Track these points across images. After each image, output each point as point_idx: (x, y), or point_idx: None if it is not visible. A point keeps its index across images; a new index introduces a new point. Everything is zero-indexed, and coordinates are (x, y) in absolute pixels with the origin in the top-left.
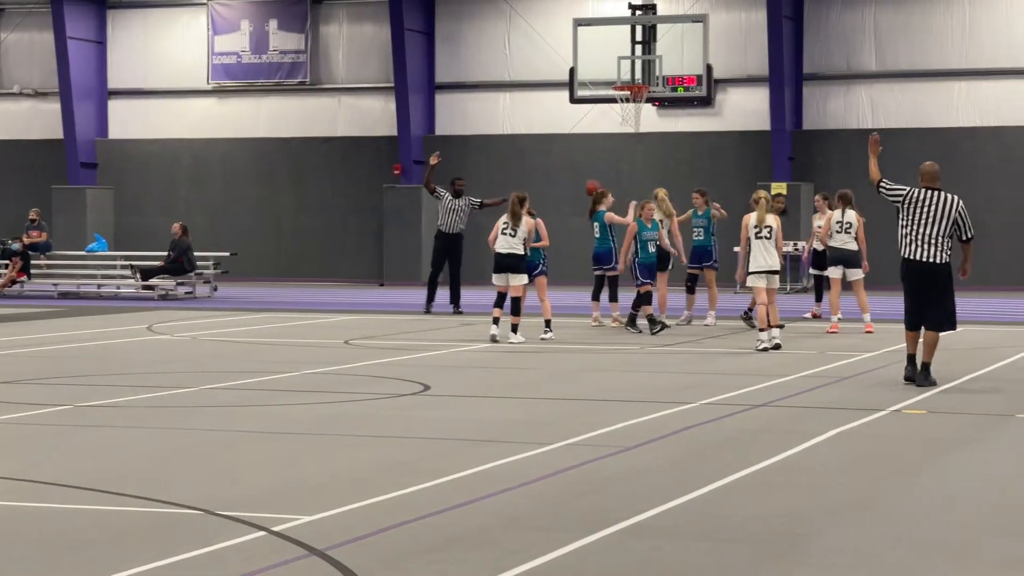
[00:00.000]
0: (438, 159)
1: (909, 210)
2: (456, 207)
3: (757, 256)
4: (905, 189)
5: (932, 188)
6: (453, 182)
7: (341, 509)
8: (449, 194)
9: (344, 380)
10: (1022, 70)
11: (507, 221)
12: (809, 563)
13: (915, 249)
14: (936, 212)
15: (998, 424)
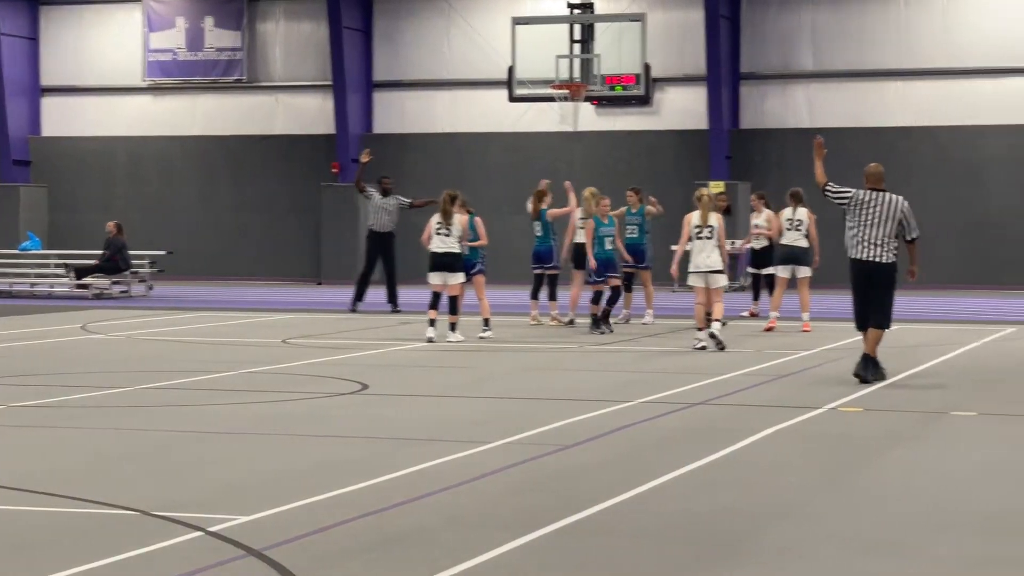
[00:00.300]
0: (369, 157)
1: (855, 212)
2: (386, 206)
3: (696, 256)
4: (851, 191)
5: (877, 189)
6: (380, 181)
7: (278, 509)
8: (378, 193)
9: (282, 379)
10: (957, 71)
11: (440, 220)
12: (747, 561)
13: (862, 250)
14: (882, 213)
15: (934, 421)
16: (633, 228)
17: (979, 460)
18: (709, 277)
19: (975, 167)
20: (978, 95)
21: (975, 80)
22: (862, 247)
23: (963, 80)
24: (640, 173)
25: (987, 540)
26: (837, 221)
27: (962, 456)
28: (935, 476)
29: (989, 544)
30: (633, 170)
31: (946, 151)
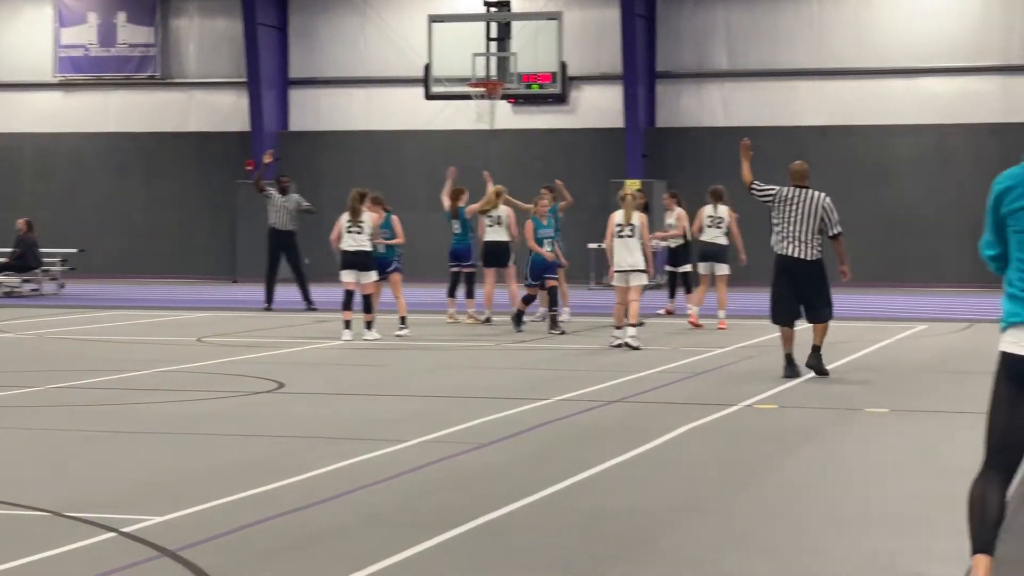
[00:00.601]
0: (272, 159)
1: (780, 209)
2: (286, 204)
3: (618, 254)
4: (775, 189)
5: (801, 187)
6: (278, 179)
7: (194, 509)
8: (276, 192)
9: (197, 378)
10: (869, 70)
11: (350, 218)
12: (660, 557)
13: (787, 246)
14: (805, 210)
15: (847, 418)
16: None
17: (890, 457)
18: (631, 276)
19: (887, 166)
20: (891, 95)
21: (888, 80)
22: (787, 244)
23: (876, 80)
24: (556, 171)
25: (894, 536)
26: (758, 218)
27: (874, 453)
28: (846, 473)
29: (896, 539)
30: (549, 168)
31: (859, 150)
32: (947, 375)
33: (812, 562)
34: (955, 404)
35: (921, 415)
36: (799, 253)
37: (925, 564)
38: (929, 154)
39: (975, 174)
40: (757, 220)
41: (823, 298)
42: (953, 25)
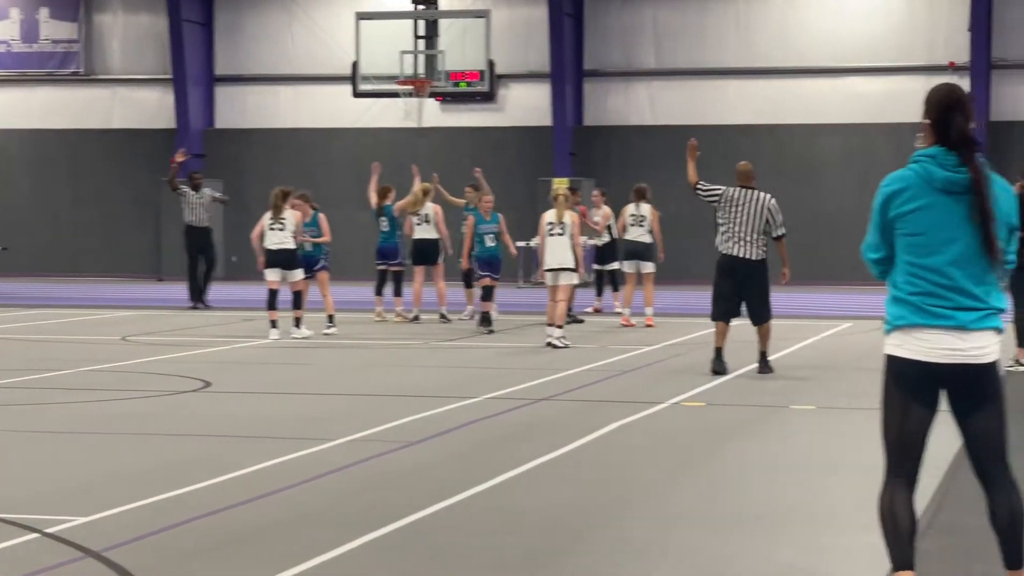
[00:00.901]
0: (184, 157)
1: (725, 209)
2: (201, 201)
3: (549, 253)
4: (721, 189)
5: (746, 187)
6: (191, 176)
7: (119, 509)
8: (190, 189)
9: (122, 377)
10: (796, 70)
11: (272, 217)
12: (591, 554)
13: (732, 246)
14: (751, 210)
15: (773, 415)
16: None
17: (816, 454)
18: (560, 275)
19: (814, 165)
20: (816, 94)
21: (814, 79)
22: (732, 243)
23: (802, 79)
24: (484, 169)
25: (820, 532)
26: (686, 218)
27: (800, 450)
28: (772, 470)
29: (821, 536)
30: (477, 166)
31: (785, 149)
32: (872, 372)
33: (737, 560)
34: (879, 401)
35: (846, 412)
36: (744, 253)
37: (851, 561)
38: (855, 153)
39: None
40: (685, 219)
41: (762, 298)
42: (878, 25)
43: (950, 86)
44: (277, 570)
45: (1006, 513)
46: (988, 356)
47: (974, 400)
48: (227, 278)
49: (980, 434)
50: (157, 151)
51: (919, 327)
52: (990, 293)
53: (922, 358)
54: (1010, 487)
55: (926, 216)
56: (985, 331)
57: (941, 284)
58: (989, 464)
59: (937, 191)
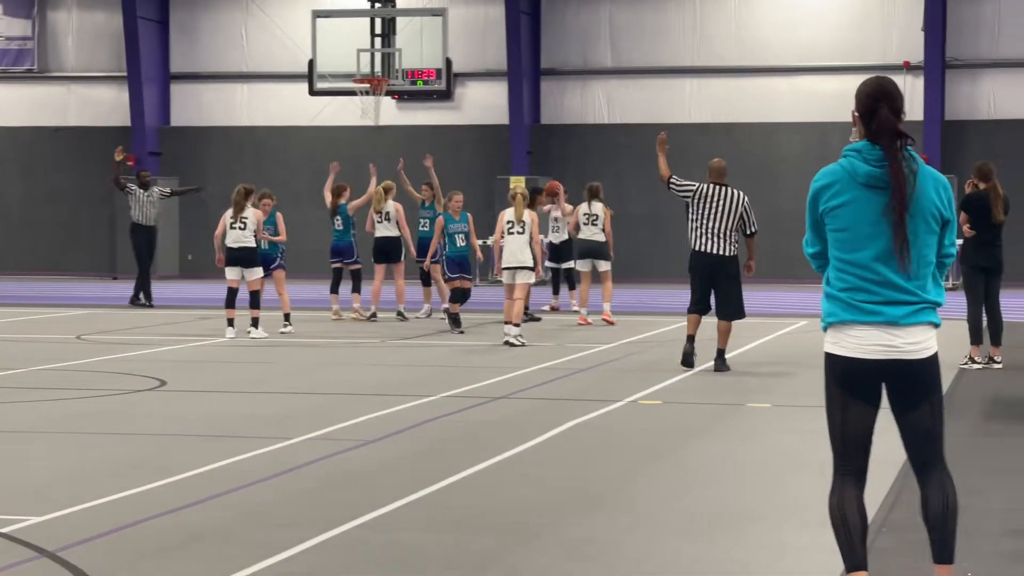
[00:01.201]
0: (123, 155)
1: (698, 205)
2: (149, 198)
3: (506, 251)
4: (695, 185)
5: (719, 184)
6: (139, 174)
7: (73, 509)
8: (138, 188)
9: (77, 376)
10: (751, 68)
11: (233, 215)
12: (550, 552)
13: (705, 242)
14: (724, 207)
15: (730, 413)
16: (425, 222)
17: (772, 451)
18: (518, 273)
19: (770, 164)
20: (773, 93)
21: (770, 78)
22: (705, 239)
23: (758, 78)
24: (441, 167)
25: (778, 529)
26: (641, 216)
27: (756, 448)
28: (729, 468)
29: (779, 533)
30: (435, 165)
31: (742, 147)
32: None
33: (695, 558)
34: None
35: (802, 409)
36: (715, 249)
37: (809, 559)
38: (811, 152)
39: None
40: (643, 218)
41: (731, 295)
42: (833, 25)
43: (879, 79)
44: (233, 570)
45: (939, 507)
46: (923, 351)
47: (910, 395)
48: (183, 276)
49: (916, 429)
50: (112, 149)
51: (850, 324)
52: (924, 287)
53: (856, 355)
54: (943, 482)
55: (850, 211)
56: (918, 326)
57: (869, 279)
58: (924, 458)
59: (860, 186)
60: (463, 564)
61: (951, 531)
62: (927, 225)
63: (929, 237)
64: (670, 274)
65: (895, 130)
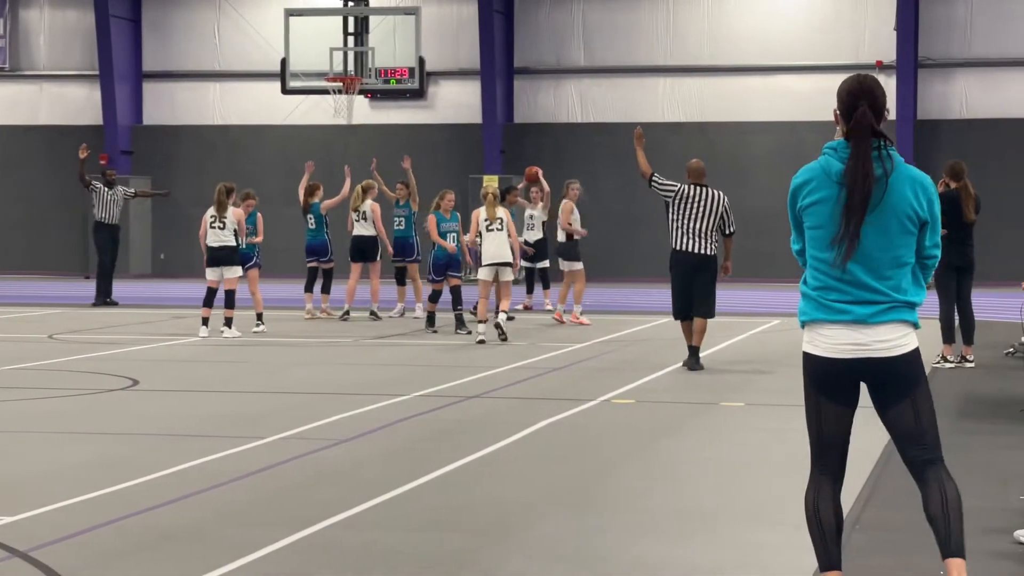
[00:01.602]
0: (86, 152)
1: (680, 205)
2: (114, 197)
3: (487, 249)
4: (677, 185)
5: (700, 184)
6: (104, 172)
7: (46, 508)
8: (103, 186)
9: (49, 376)
10: (724, 68)
11: (214, 214)
12: (523, 550)
13: (686, 241)
14: (705, 207)
15: (703, 412)
16: (400, 221)
17: (745, 450)
18: (501, 270)
19: (743, 163)
20: (745, 92)
21: (743, 77)
22: (686, 239)
23: (731, 77)
24: (415, 166)
25: (750, 528)
26: (613, 215)
27: (729, 446)
28: (702, 467)
29: (751, 532)
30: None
31: (715, 147)
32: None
33: (666, 557)
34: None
35: (775, 408)
36: (695, 248)
37: (780, 558)
38: (784, 151)
39: None
40: (615, 216)
41: (707, 294)
42: (806, 24)
43: (860, 76)
44: (206, 569)
45: (938, 504)
46: (895, 349)
47: (888, 394)
48: (155, 275)
49: (899, 428)
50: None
51: (821, 323)
52: (898, 287)
53: (828, 354)
54: (940, 478)
55: (824, 209)
56: (887, 324)
57: (839, 278)
58: (914, 455)
59: (834, 183)
60: (436, 563)
61: (955, 525)
62: (901, 225)
63: (903, 237)
64: (644, 273)
65: (871, 128)
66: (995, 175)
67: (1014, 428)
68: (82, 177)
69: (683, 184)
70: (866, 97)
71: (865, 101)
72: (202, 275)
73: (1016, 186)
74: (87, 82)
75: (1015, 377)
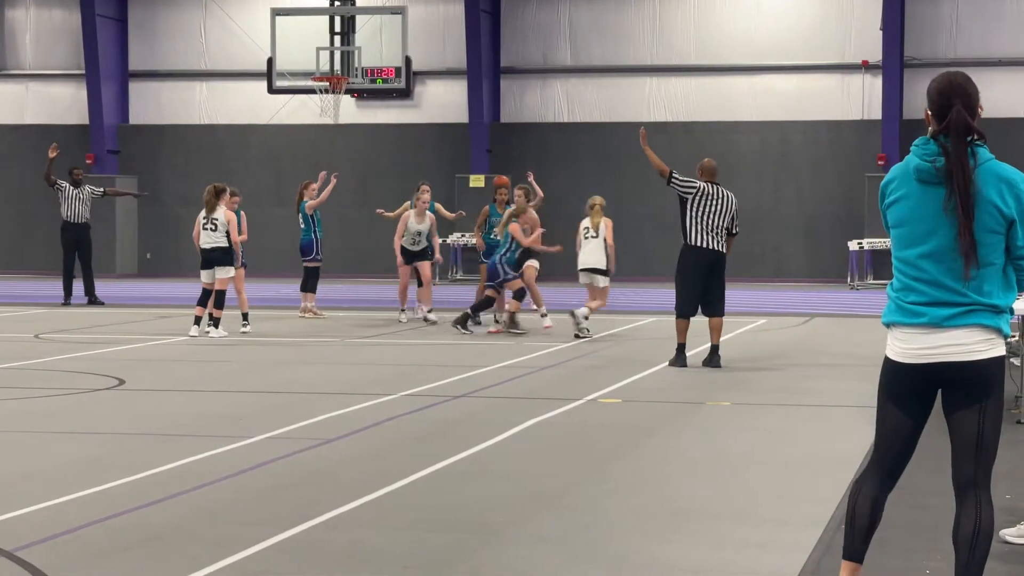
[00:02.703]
0: (56, 151)
1: (701, 202)
2: (79, 197)
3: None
4: (697, 183)
5: (715, 183)
6: (71, 171)
7: (31, 508)
8: (69, 185)
9: (35, 375)
10: (710, 67)
11: (205, 215)
12: (509, 550)
13: (705, 238)
14: (721, 206)
15: (689, 412)
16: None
17: (731, 450)
18: (594, 276)
19: (729, 162)
20: (732, 91)
21: (729, 77)
22: (705, 236)
23: (717, 77)
24: (401, 166)
25: (736, 528)
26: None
27: (715, 446)
28: (688, 466)
29: (736, 532)
30: (394, 163)
31: (702, 146)
32: (787, 369)
33: (652, 557)
34: (795, 397)
35: (762, 408)
36: (714, 245)
37: (766, 557)
38: (770, 150)
39: (814, 170)
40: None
41: (722, 291)
42: (792, 24)
43: (949, 74)
44: (193, 568)
45: (968, 530)
46: (968, 354)
47: (959, 396)
48: (141, 275)
49: (959, 435)
50: (70, 147)
51: (898, 325)
52: (980, 289)
53: (898, 359)
54: (980, 502)
55: (904, 206)
56: (964, 328)
57: (917, 278)
58: (965, 468)
59: (914, 181)
60: (423, 563)
61: (977, 557)
62: (985, 225)
63: (989, 237)
64: (631, 272)
65: (967, 127)
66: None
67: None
68: (47, 176)
69: (700, 182)
70: (959, 95)
71: (959, 99)
72: (189, 275)
73: None
74: (73, 81)
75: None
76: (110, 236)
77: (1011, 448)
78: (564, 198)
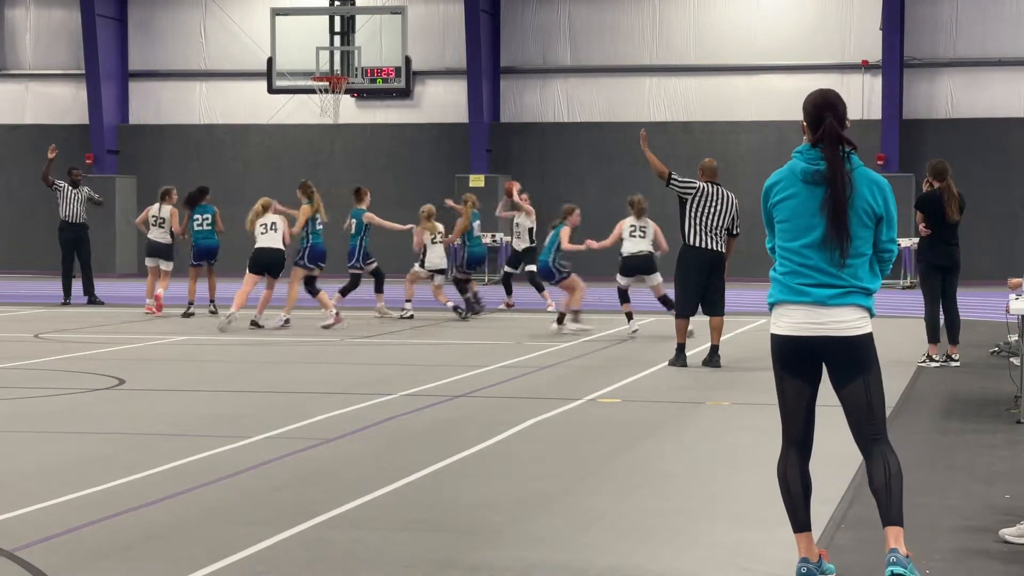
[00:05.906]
0: (55, 152)
1: (700, 202)
2: (77, 197)
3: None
4: (697, 183)
5: (715, 183)
6: (70, 172)
7: (31, 508)
8: (68, 185)
9: (35, 375)
10: (710, 67)
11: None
12: (509, 549)
13: (704, 238)
14: (721, 206)
15: (689, 412)
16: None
17: (730, 450)
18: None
19: (729, 162)
20: (732, 91)
21: (729, 77)
22: (704, 236)
23: (717, 77)
24: (401, 166)
25: (733, 528)
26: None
27: (714, 446)
28: (687, 466)
29: (733, 532)
30: (393, 163)
31: (701, 146)
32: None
33: (650, 556)
34: None
35: (761, 408)
36: (715, 245)
37: (763, 556)
38: (769, 150)
39: None
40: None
41: (722, 291)
42: (792, 24)
43: (823, 91)
44: (192, 568)
45: (882, 477)
46: (848, 330)
47: (843, 371)
48: (141, 275)
49: (852, 403)
50: (70, 147)
51: (785, 303)
52: (856, 274)
53: (789, 332)
54: (885, 453)
55: (791, 204)
56: (844, 307)
57: (803, 264)
58: (863, 431)
59: (800, 182)
60: (421, 562)
61: (896, 496)
62: (859, 220)
63: (862, 231)
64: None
65: (839, 136)
66: (980, 175)
67: (999, 427)
68: (46, 177)
69: (700, 182)
70: (827, 108)
71: (830, 113)
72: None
73: (1000, 186)
74: (73, 81)
75: (1000, 376)
76: (110, 236)
77: (1011, 448)
78: (564, 198)
